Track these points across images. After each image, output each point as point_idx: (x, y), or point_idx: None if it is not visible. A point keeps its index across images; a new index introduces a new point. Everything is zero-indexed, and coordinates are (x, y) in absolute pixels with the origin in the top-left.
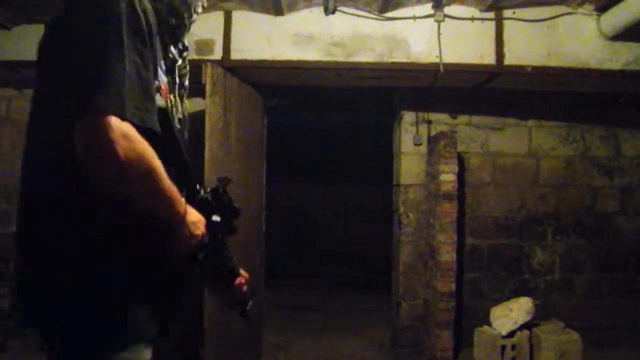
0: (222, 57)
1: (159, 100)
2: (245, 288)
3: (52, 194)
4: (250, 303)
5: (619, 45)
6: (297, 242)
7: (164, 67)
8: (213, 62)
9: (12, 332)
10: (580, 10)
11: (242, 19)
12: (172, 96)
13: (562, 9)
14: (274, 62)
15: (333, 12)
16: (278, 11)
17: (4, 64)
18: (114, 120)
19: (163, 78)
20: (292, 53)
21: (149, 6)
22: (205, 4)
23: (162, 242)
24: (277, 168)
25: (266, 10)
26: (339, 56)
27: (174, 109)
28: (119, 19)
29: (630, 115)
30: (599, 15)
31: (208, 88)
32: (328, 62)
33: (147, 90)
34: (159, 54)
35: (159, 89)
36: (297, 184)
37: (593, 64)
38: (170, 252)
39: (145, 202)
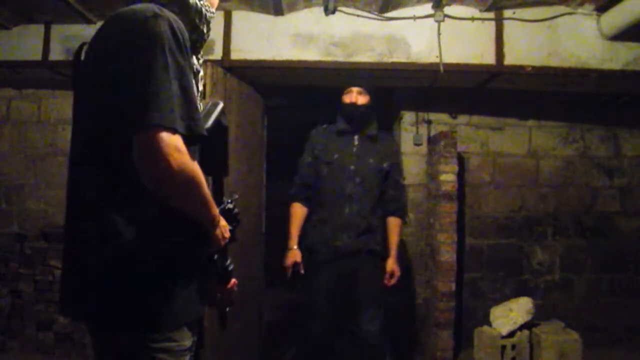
0: (222, 57)
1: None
2: (235, 291)
3: (101, 193)
4: (228, 309)
5: (619, 45)
6: None
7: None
8: (213, 62)
9: (12, 332)
10: (580, 10)
11: (242, 19)
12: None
13: (562, 9)
14: (274, 62)
15: (333, 12)
16: (278, 11)
17: (4, 64)
18: (167, 135)
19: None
20: (292, 53)
21: (182, 26)
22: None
23: (198, 238)
24: (277, 168)
25: (266, 10)
26: (339, 56)
27: None
28: (162, 39)
29: (630, 115)
30: (599, 16)
31: (208, 88)
32: (328, 62)
33: (191, 101)
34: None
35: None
36: None
37: (593, 64)
38: (205, 248)
39: (189, 206)
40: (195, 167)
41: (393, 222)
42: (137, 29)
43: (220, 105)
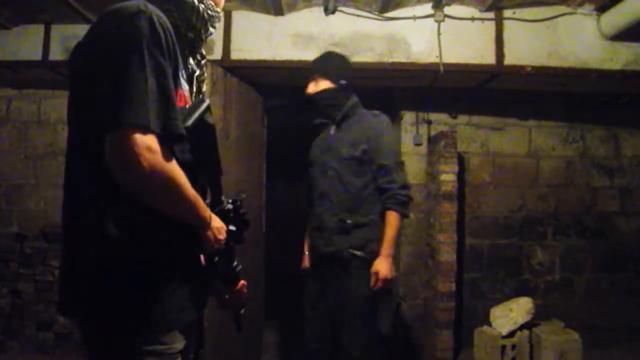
0: (222, 57)
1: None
2: (245, 292)
3: (94, 192)
4: (243, 310)
5: (619, 45)
6: (297, 242)
7: (184, 76)
8: (213, 62)
9: (12, 332)
10: (580, 10)
11: (242, 19)
12: (191, 102)
13: (562, 9)
14: (273, 62)
15: (333, 12)
16: (278, 11)
17: (4, 64)
18: (139, 134)
19: (185, 86)
20: (292, 53)
21: (168, 23)
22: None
23: (194, 239)
24: (277, 168)
25: (266, 10)
26: None
27: None
28: (140, 37)
29: (630, 115)
30: (599, 15)
31: (208, 88)
32: None
33: (167, 99)
34: (180, 65)
35: (180, 96)
36: (297, 184)
37: (593, 64)
38: (198, 250)
39: (169, 209)
40: (171, 168)
41: (385, 217)
42: (117, 26)
43: (205, 103)
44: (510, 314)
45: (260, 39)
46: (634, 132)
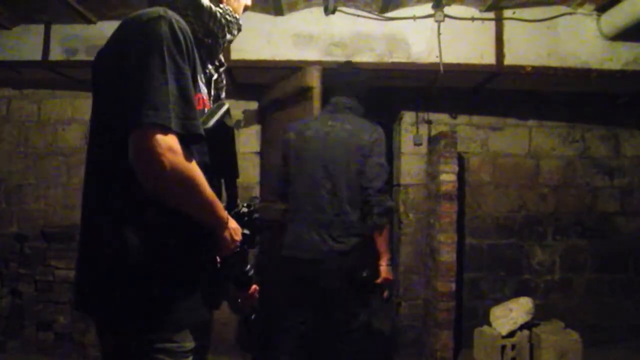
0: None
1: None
2: (256, 297)
3: (111, 195)
4: (254, 316)
5: (619, 45)
6: None
7: (203, 80)
8: None
9: (12, 332)
10: (580, 10)
11: (242, 18)
12: (210, 106)
13: (562, 9)
14: (273, 62)
15: (333, 12)
16: (278, 11)
17: (4, 64)
18: (160, 134)
19: (204, 90)
20: (292, 53)
21: (187, 27)
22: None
23: (208, 240)
24: None
25: (266, 10)
26: (339, 56)
27: None
28: (161, 40)
29: (630, 115)
30: (599, 15)
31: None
32: (328, 62)
33: (188, 101)
34: (198, 68)
35: (198, 100)
36: None
37: (593, 64)
38: (213, 251)
39: (188, 208)
40: (191, 168)
41: None
42: (138, 30)
43: (225, 106)
44: (510, 314)
45: (260, 38)
46: (634, 132)
